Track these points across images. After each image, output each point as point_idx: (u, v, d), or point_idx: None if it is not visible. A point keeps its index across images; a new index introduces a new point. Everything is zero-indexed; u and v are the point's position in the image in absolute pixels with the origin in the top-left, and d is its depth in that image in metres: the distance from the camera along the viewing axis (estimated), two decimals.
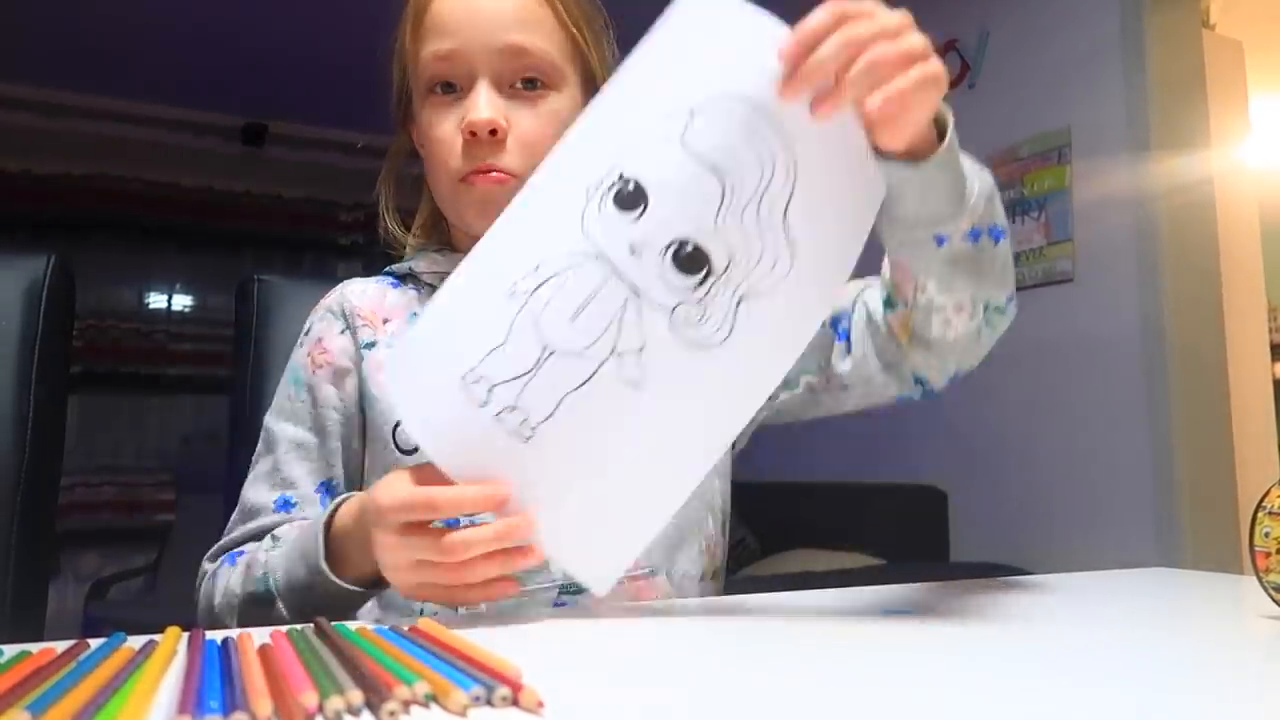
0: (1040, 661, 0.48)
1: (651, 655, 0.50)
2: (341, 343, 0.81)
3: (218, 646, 0.46)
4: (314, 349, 0.81)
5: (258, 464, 0.80)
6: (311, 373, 0.80)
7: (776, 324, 0.58)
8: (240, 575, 0.71)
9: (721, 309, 0.57)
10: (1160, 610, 0.65)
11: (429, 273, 0.83)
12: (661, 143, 0.56)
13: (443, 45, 0.75)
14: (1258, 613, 0.60)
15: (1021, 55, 2.79)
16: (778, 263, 0.57)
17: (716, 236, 0.56)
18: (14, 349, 0.89)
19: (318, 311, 0.85)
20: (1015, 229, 2.78)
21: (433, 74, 0.76)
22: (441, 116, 0.76)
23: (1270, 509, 0.58)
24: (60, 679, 0.39)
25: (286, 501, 0.77)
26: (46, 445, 0.90)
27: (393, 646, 0.46)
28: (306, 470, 0.78)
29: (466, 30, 0.75)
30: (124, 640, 0.48)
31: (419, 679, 0.38)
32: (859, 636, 0.55)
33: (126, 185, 4.26)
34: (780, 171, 0.56)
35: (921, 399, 0.77)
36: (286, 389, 0.82)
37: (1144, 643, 0.54)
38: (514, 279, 0.56)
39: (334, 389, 0.80)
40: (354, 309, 0.82)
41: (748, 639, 0.55)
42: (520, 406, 0.56)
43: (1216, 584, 0.78)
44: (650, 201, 0.56)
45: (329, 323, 0.82)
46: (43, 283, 0.91)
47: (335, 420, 0.79)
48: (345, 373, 0.80)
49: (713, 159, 0.56)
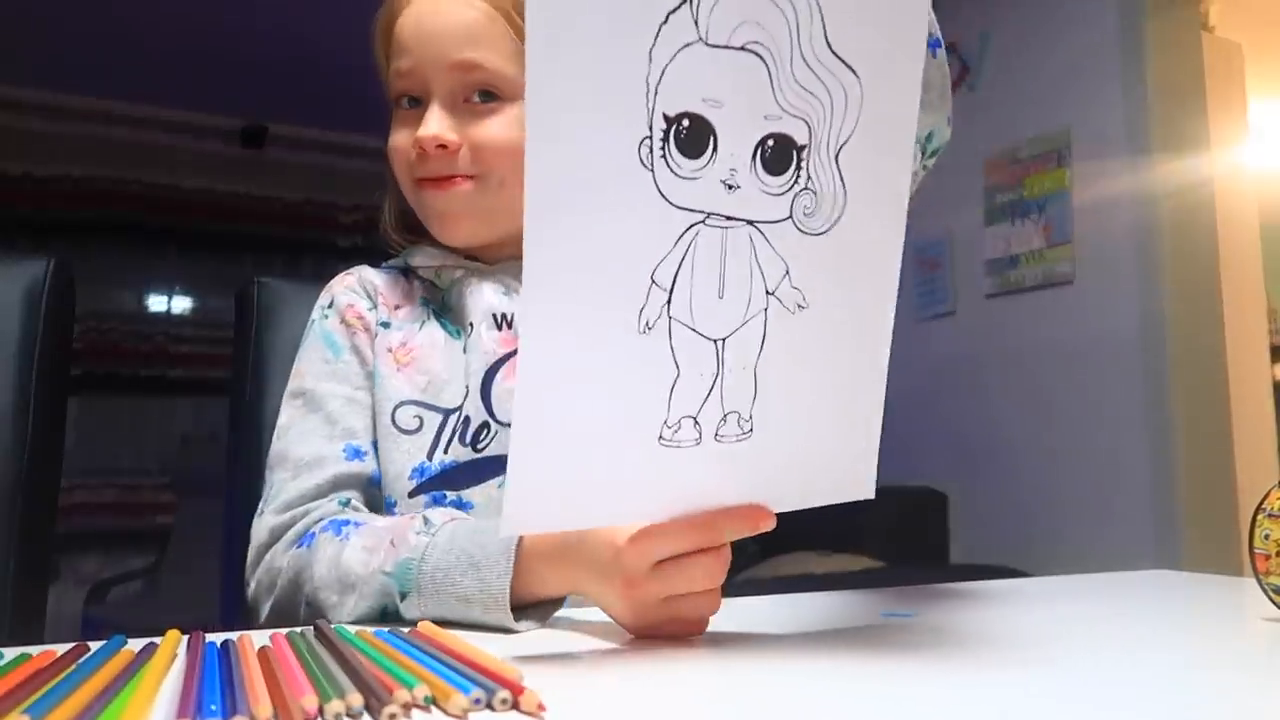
0: (1040, 664, 0.48)
1: (651, 658, 0.50)
2: (368, 315, 0.83)
3: (217, 649, 0.46)
4: (346, 314, 0.82)
5: (295, 425, 0.77)
6: (351, 336, 0.81)
7: (876, 152, 0.53)
8: (368, 551, 0.65)
9: (828, 176, 0.52)
10: (1160, 613, 0.65)
11: (425, 266, 0.85)
12: (685, 59, 0.48)
13: (403, 63, 0.79)
14: (1257, 615, 0.60)
15: (1022, 58, 2.80)
16: (848, 92, 0.51)
17: (785, 111, 0.50)
18: (14, 351, 0.89)
19: (336, 288, 0.85)
20: (1015, 231, 2.78)
21: (397, 89, 0.81)
22: (401, 129, 0.81)
23: (1270, 511, 0.59)
24: (60, 682, 0.39)
25: (357, 450, 0.76)
26: (47, 448, 0.90)
27: (392, 649, 0.46)
28: (365, 424, 0.78)
29: (420, 48, 0.78)
30: (124, 643, 0.48)
31: (419, 682, 0.38)
32: (859, 639, 0.55)
33: (127, 187, 4.26)
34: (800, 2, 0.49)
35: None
36: (322, 354, 0.81)
37: (1144, 645, 0.54)
38: (636, 308, 0.49)
39: (370, 353, 0.81)
40: (375, 289, 0.84)
41: (748, 642, 0.54)
42: (728, 413, 0.52)
43: (1216, 586, 0.78)
44: (714, 124, 0.49)
45: (354, 295, 0.84)
46: (43, 285, 0.91)
47: (369, 387, 0.80)
48: (372, 340, 0.82)
49: (736, 35, 0.48)
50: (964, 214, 2.94)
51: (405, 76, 0.79)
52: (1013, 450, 2.78)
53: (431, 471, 0.76)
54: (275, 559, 0.71)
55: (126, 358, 4.21)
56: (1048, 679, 0.44)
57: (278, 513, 0.72)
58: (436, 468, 0.76)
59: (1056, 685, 0.43)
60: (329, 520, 0.70)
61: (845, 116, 0.52)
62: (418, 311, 0.84)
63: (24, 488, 0.87)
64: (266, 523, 0.73)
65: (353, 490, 0.75)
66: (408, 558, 0.62)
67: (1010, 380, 2.80)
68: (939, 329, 3.06)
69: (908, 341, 3.16)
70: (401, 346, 0.81)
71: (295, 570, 0.68)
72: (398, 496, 0.76)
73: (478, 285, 0.83)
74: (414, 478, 0.76)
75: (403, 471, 0.76)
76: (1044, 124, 2.70)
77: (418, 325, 0.82)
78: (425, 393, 0.79)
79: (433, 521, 0.65)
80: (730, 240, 0.50)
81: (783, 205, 0.51)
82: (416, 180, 0.80)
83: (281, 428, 0.78)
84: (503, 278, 0.84)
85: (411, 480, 0.76)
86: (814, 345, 0.54)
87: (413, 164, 0.80)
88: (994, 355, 2.85)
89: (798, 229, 0.52)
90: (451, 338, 0.82)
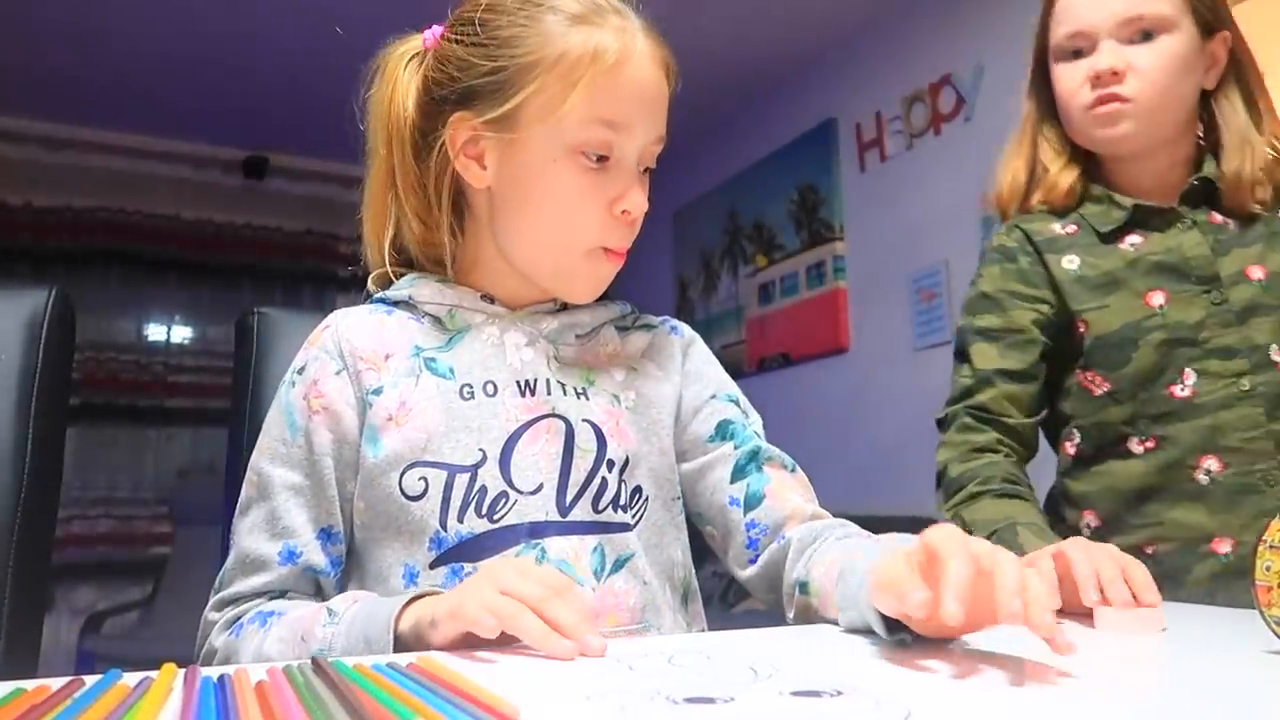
0: (1041, 695, 0.47)
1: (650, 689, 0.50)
2: (337, 385, 0.79)
3: (214, 684, 0.46)
4: (309, 392, 0.79)
5: (251, 510, 0.78)
6: (309, 418, 0.78)
7: None
8: (283, 643, 0.69)
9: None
10: (1163, 644, 0.65)
11: (432, 303, 0.82)
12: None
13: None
14: (1260, 648, 0.60)
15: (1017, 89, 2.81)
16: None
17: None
18: (14, 381, 0.89)
19: (310, 350, 0.82)
20: None
21: (594, 141, 0.77)
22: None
23: (1272, 543, 0.58)
24: (55, 717, 0.39)
25: (291, 553, 0.76)
26: (44, 477, 0.90)
27: (390, 683, 0.45)
28: (306, 518, 0.77)
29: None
30: (119, 677, 0.48)
31: (416, 716, 0.38)
32: (859, 666, 0.55)
33: (127, 218, 4.28)
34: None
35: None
36: (281, 432, 0.79)
37: (1146, 676, 0.53)
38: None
39: (330, 435, 0.78)
40: (353, 350, 0.80)
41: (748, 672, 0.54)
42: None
43: (1219, 618, 0.77)
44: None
45: (324, 363, 0.80)
46: (44, 315, 0.92)
47: (329, 468, 0.78)
48: (340, 417, 0.78)
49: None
50: (961, 244, 2.95)
51: (608, 127, 0.77)
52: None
53: (449, 543, 0.75)
54: (213, 641, 0.75)
55: (125, 387, 4.21)
56: (1048, 711, 0.44)
57: (218, 608, 0.76)
58: (453, 539, 0.75)
59: (1055, 713, 0.43)
60: (255, 612, 0.73)
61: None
62: (409, 364, 0.80)
63: (21, 517, 0.87)
64: (210, 616, 0.77)
65: (289, 587, 0.76)
66: (318, 649, 0.66)
67: None
68: (937, 358, 3.06)
69: (906, 371, 3.17)
70: (401, 408, 0.78)
71: (224, 657, 0.73)
72: (420, 567, 0.75)
73: (499, 339, 0.81)
74: (432, 549, 0.75)
75: (419, 539, 0.75)
76: None
77: (413, 380, 0.79)
78: (426, 451, 0.76)
79: (335, 612, 0.68)
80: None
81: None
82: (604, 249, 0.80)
83: (241, 505, 0.80)
84: (527, 327, 0.82)
85: (431, 551, 0.75)
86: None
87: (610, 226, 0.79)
88: None
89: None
90: (444, 379, 0.79)
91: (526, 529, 0.75)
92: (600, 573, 0.76)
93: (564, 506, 0.77)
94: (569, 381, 0.82)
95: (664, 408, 0.86)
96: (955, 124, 3.01)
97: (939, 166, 3.07)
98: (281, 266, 4.56)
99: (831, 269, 3.51)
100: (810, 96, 3.69)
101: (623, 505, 0.79)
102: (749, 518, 0.82)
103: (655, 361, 0.88)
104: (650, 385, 0.86)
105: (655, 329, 0.91)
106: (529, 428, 0.78)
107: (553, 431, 0.79)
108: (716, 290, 4.19)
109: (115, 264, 4.23)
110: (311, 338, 0.83)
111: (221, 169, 4.47)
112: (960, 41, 3.01)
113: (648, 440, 0.84)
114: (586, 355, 0.85)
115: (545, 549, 0.75)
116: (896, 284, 3.22)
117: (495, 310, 0.82)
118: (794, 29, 3.42)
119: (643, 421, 0.84)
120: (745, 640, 0.67)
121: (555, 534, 0.76)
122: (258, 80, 3.75)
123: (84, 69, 3.64)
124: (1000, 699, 0.47)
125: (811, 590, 0.77)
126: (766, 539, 0.82)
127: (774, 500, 0.82)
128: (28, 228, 4.10)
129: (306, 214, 4.57)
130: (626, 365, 0.86)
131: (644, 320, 0.91)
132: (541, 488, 0.77)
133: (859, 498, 3.33)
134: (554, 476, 0.77)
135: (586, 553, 0.76)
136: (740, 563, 0.83)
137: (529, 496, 0.76)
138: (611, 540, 0.78)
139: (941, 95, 3.08)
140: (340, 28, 1.15)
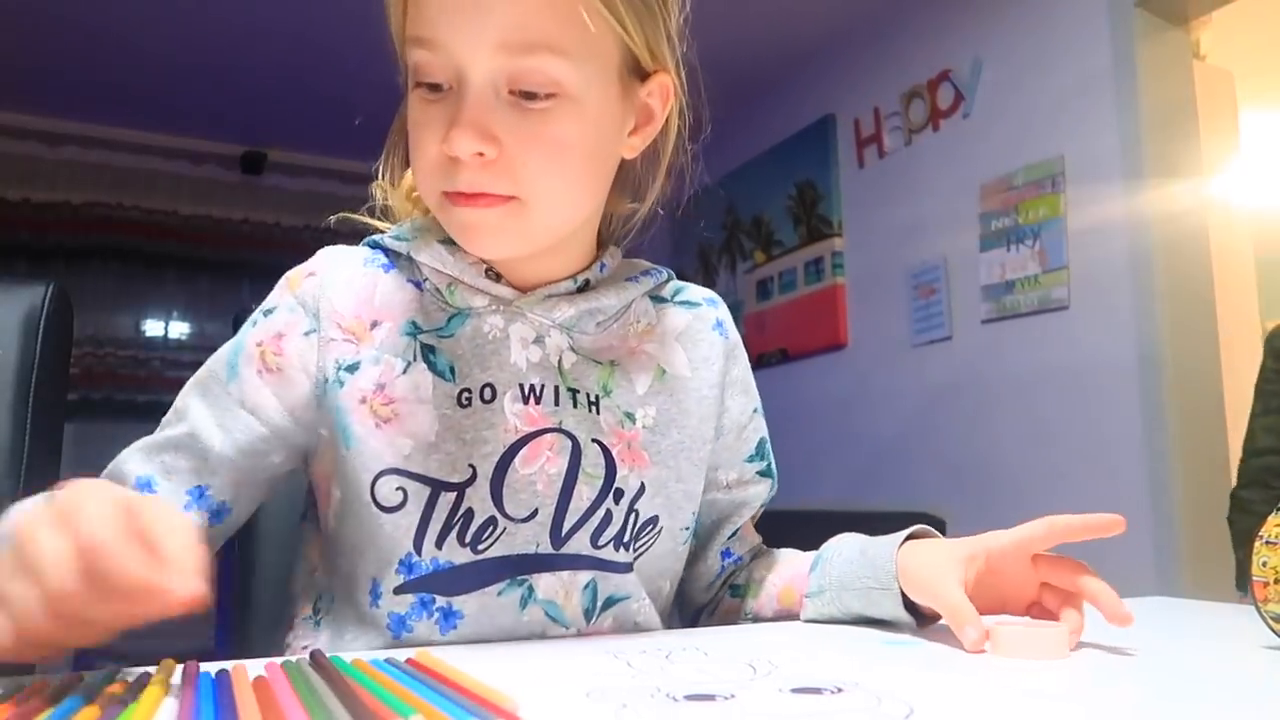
0: (1039, 691, 0.48)
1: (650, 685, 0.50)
2: (301, 347, 0.69)
3: (213, 679, 0.46)
4: (268, 343, 0.69)
5: (160, 431, 0.71)
6: (256, 371, 0.69)
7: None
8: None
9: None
10: (1159, 639, 0.65)
11: (434, 272, 0.71)
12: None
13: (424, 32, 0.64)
14: (1256, 643, 0.60)
15: (1015, 85, 2.82)
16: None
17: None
18: (12, 377, 0.89)
19: (285, 294, 0.72)
20: (1011, 257, 2.80)
21: (414, 65, 0.65)
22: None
23: (1268, 539, 0.58)
24: (53, 714, 0.39)
25: (149, 484, 0.68)
26: (42, 473, 0.90)
27: (388, 679, 0.45)
28: (190, 467, 0.68)
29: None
30: (118, 673, 0.48)
31: (415, 712, 0.38)
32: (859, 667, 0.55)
33: (125, 213, 4.27)
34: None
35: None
36: (221, 368, 0.70)
37: (1142, 672, 0.53)
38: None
39: (273, 400, 0.68)
40: (333, 312, 0.70)
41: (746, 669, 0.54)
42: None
43: (1215, 613, 0.78)
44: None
45: (296, 315, 0.70)
46: (41, 311, 0.92)
47: (252, 435, 0.68)
48: (293, 384, 0.69)
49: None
50: (959, 240, 2.95)
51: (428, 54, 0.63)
52: (1010, 475, 2.77)
53: (421, 570, 0.66)
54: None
55: (123, 382, 4.20)
56: (1047, 707, 0.44)
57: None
58: (428, 565, 0.66)
59: (1055, 713, 0.43)
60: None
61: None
62: (402, 342, 0.69)
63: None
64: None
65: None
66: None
67: (1007, 405, 2.80)
68: (935, 354, 3.07)
69: (905, 367, 3.18)
70: (379, 393, 0.67)
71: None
72: (384, 588, 0.66)
73: (503, 331, 0.70)
74: (400, 572, 0.66)
75: (387, 558, 0.66)
76: (1038, 151, 2.72)
77: (402, 365, 0.68)
78: (409, 460, 0.66)
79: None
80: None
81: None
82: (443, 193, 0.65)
83: (164, 419, 0.72)
84: (536, 318, 0.71)
85: (400, 574, 0.66)
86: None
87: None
88: (991, 381, 2.86)
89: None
90: (442, 380, 0.68)
91: (513, 564, 0.67)
92: (590, 613, 0.70)
93: (559, 538, 0.68)
94: (582, 387, 0.71)
95: (692, 429, 0.76)
96: (954, 120, 3.01)
97: (938, 162, 3.07)
98: (279, 262, 4.46)
99: (830, 265, 3.51)
100: (809, 92, 3.68)
101: (625, 543, 0.71)
102: (727, 572, 0.85)
103: (690, 359, 0.78)
104: (678, 397, 0.76)
105: (697, 309, 0.81)
106: (528, 442, 0.68)
107: (556, 450, 0.69)
108: (715, 286, 4.16)
109: (113, 259, 4.23)
110: (292, 278, 0.74)
111: (220, 164, 4.46)
112: (959, 37, 3.01)
113: (665, 465, 0.74)
114: (612, 340, 0.75)
115: (533, 586, 0.67)
116: (895, 280, 3.22)
117: (501, 292, 0.70)
118: (792, 25, 3.42)
119: (663, 443, 0.74)
120: (740, 637, 0.67)
121: (545, 570, 0.68)
122: (256, 76, 3.74)
123: (82, 64, 3.63)
124: (1002, 696, 0.47)
125: (749, 592, 0.80)
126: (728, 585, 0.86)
127: (754, 573, 0.84)
128: (26, 223, 4.09)
129: (304, 209, 4.56)
130: (657, 355, 0.76)
131: (685, 295, 0.82)
132: (535, 514, 0.68)
133: (857, 494, 3.34)
134: (551, 502, 0.68)
135: (578, 590, 0.69)
136: (696, 587, 0.85)
137: (520, 524, 0.67)
138: (607, 579, 0.71)
139: (940, 91, 3.08)
140: (338, 23, 1.15)
